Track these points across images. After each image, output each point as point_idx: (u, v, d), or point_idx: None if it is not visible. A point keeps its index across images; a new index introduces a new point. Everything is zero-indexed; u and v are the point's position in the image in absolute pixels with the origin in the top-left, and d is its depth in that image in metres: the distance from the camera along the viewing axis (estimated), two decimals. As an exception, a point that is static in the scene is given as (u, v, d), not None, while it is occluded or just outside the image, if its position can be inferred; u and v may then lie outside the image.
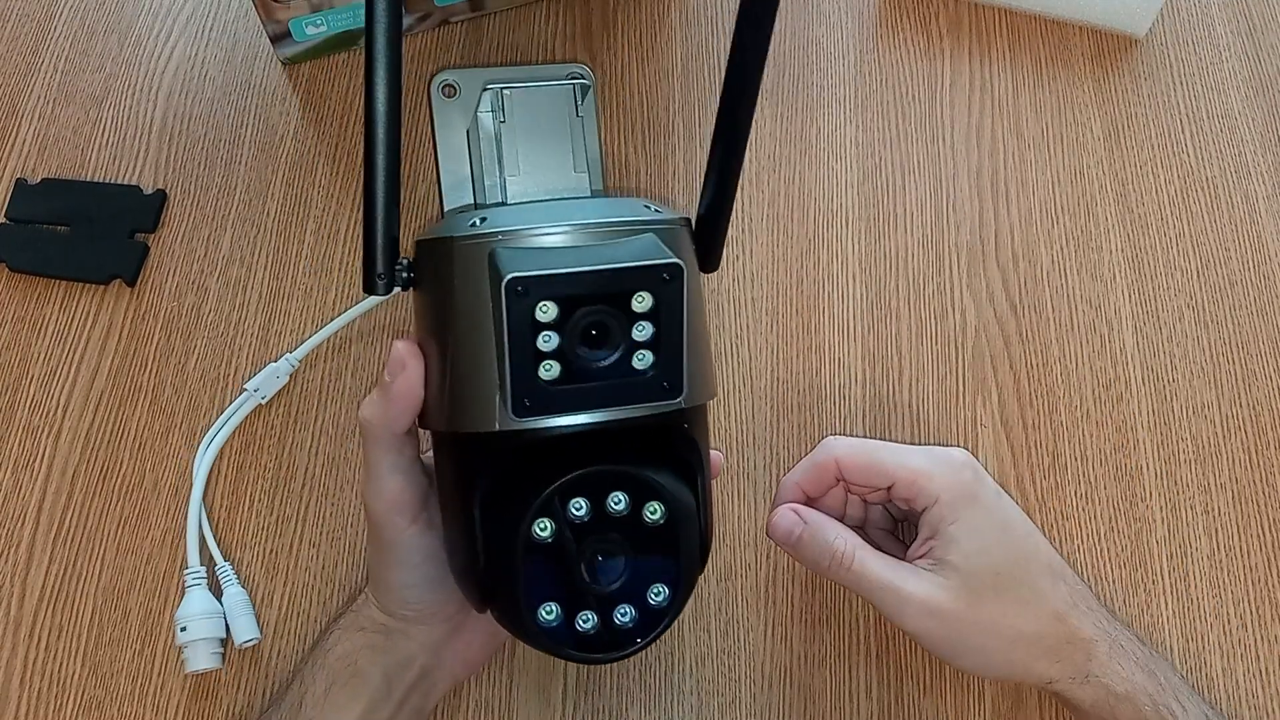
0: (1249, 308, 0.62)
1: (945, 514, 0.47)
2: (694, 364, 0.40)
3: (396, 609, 0.46)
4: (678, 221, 0.42)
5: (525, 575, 0.38)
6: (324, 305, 0.61)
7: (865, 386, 0.60)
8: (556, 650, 0.39)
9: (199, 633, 0.52)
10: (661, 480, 0.39)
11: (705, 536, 0.42)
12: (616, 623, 0.39)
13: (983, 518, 0.47)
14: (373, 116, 0.39)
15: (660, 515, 0.39)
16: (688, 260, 0.39)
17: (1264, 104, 0.68)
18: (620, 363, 0.38)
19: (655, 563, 0.39)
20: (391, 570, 0.45)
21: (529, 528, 0.38)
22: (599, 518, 0.39)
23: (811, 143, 0.67)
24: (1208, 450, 0.58)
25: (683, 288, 0.38)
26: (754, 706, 0.53)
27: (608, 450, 0.39)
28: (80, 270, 0.62)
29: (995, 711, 0.53)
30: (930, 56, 0.70)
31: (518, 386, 0.38)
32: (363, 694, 0.46)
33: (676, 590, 0.40)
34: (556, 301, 0.37)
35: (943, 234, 0.64)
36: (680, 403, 0.39)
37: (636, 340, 0.38)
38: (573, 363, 0.38)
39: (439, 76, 0.47)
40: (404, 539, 0.44)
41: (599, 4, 0.71)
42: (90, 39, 0.70)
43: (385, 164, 0.40)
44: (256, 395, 0.58)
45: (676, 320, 0.39)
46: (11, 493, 0.57)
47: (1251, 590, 0.55)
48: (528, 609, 0.39)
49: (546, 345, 0.38)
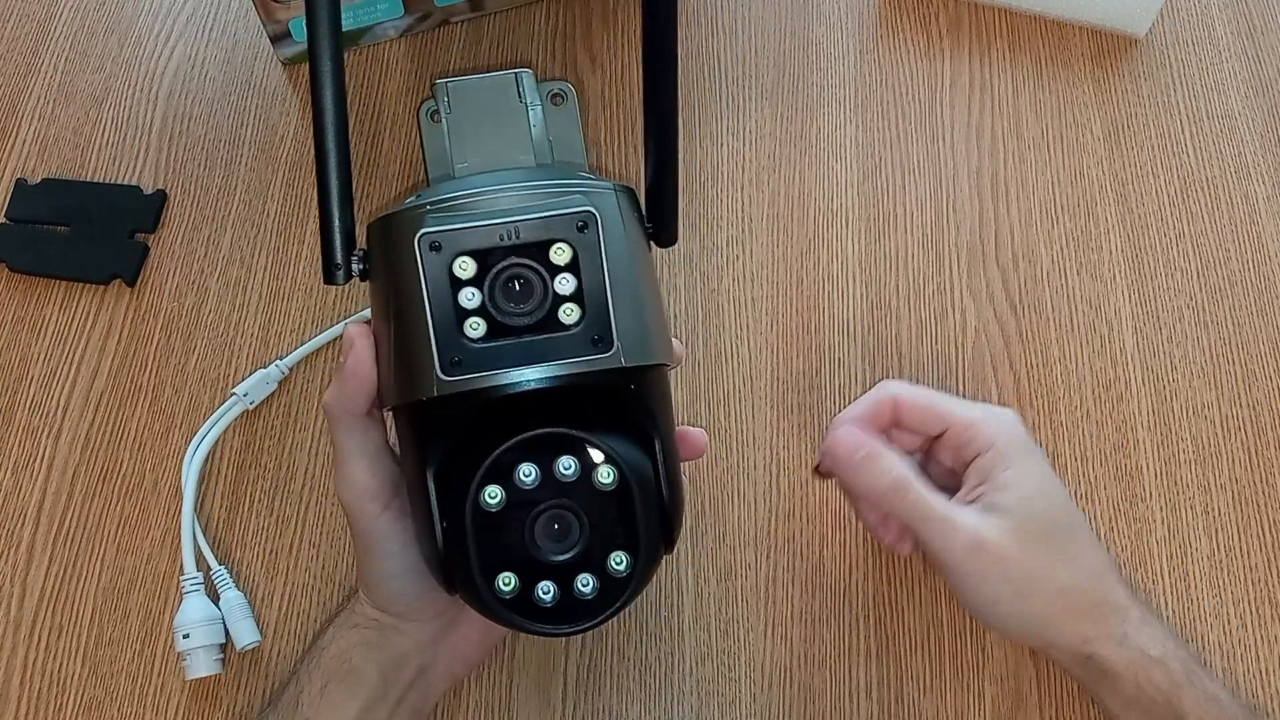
0: (1249, 308, 0.62)
1: (999, 461, 0.47)
2: (631, 321, 0.40)
3: (386, 604, 0.46)
4: (611, 186, 0.42)
5: (477, 545, 0.38)
6: (324, 305, 0.61)
7: (865, 386, 0.60)
8: (516, 622, 0.39)
9: (199, 639, 0.52)
10: (612, 444, 0.39)
11: (671, 505, 0.42)
12: (578, 593, 0.39)
13: (1036, 468, 0.48)
14: (321, 117, 0.41)
15: (612, 480, 0.39)
16: (613, 215, 0.40)
17: (1264, 104, 0.68)
18: (548, 318, 0.39)
19: (613, 530, 0.39)
20: (372, 561, 0.45)
21: (477, 495, 0.38)
22: (549, 483, 0.39)
23: (811, 143, 0.67)
24: (1208, 450, 0.58)
25: (599, 236, 0.39)
26: (754, 706, 0.53)
27: (555, 415, 0.39)
28: (80, 270, 0.62)
29: (995, 711, 0.53)
30: (930, 56, 0.70)
31: (443, 344, 0.38)
32: (359, 691, 0.46)
33: (637, 557, 0.39)
34: (473, 256, 0.38)
35: (943, 234, 0.64)
36: (618, 359, 0.39)
37: (560, 294, 0.39)
38: (498, 319, 0.39)
39: (427, 104, 0.49)
40: (377, 527, 0.44)
41: (599, 4, 0.71)
42: (90, 39, 0.70)
43: (336, 161, 0.42)
44: (245, 400, 0.58)
45: (597, 271, 0.39)
46: (11, 493, 0.57)
47: (1251, 590, 0.55)
48: (484, 580, 0.39)
49: (470, 303, 0.38)
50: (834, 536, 0.56)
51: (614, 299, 0.39)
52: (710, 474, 0.57)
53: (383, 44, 0.69)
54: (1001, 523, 0.46)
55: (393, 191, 0.65)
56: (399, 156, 0.66)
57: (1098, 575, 0.47)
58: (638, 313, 0.41)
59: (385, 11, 0.67)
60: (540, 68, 0.69)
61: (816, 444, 0.58)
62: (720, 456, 0.58)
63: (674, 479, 0.42)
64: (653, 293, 0.43)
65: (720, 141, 0.67)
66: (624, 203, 0.42)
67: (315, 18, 0.41)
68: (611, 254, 0.39)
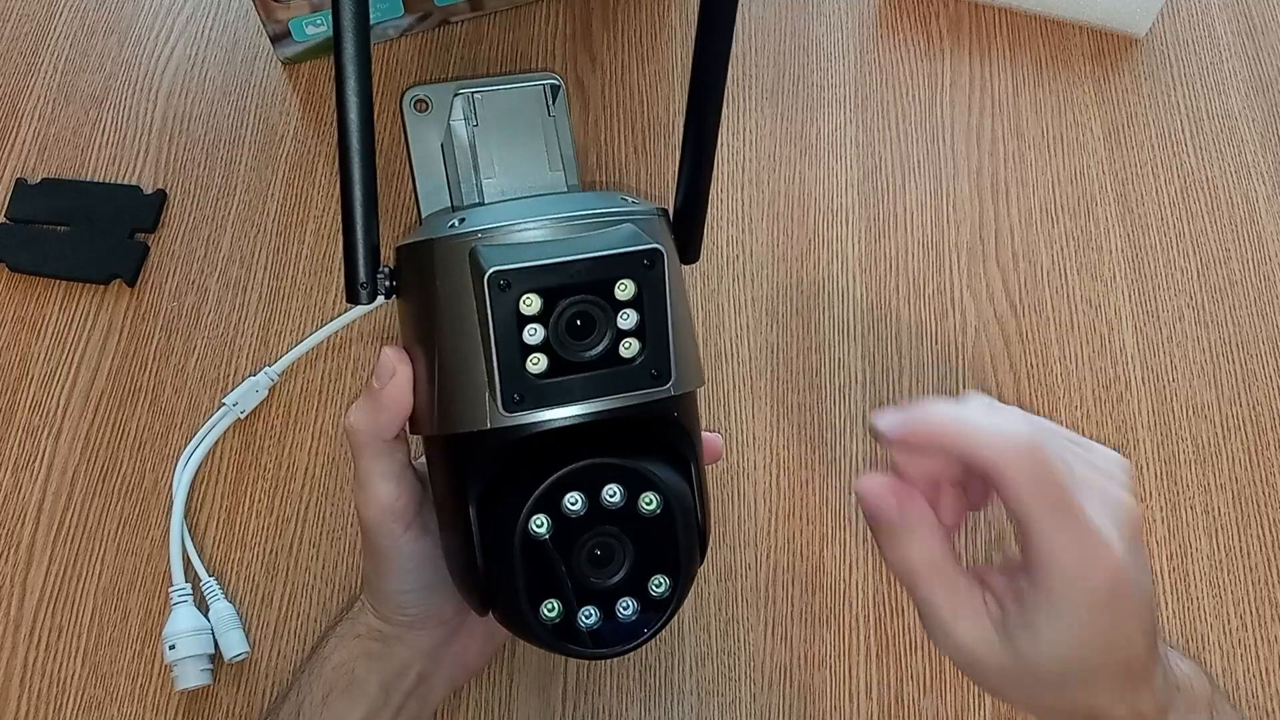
0: (1249, 308, 0.62)
1: (1042, 596, 0.36)
2: (680, 351, 0.40)
3: (393, 615, 0.46)
4: (654, 212, 0.42)
5: (524, 573, 0.38)
6: (324, 305, 0.61)
7: (865, 387, 0.60)
8: (561, 648, 0.39)
9: (187, 650, 0.52)
10: (656, 470, 0.39)
11: (703, 524, 0.42)
12: (619, 616, 0.39)
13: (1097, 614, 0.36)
14: (345, 127, 0.40)
15: (656, 505, 0.39)
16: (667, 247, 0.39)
17: (1264, 104, 0.68)
18: (608, 353, 0.39)
19: (654, 553, 0.39)
20: (387, 578, 0.45)
21: (525, 525, 0.38)
22: (595, 511, 0.39)
23: (811, 143, 0.67)
24: (1208, 450, 0.58)
25: (664, 273, 0.39)
26: (754, 706, 0.53)
27: (600, 443, 0.39)
28: (80, 270, 0.62)
29: (995, 711, 0.53)
30: (930, 56, 0.70)
31: (507, 382, 0.38)
32: (360, 702, 0.46)
33: (677, 580, 0.40)
34: (540, 294, 0.38)
35: (943, 234, 0.64)
36: (670, 390, 0.39)
37: (622, 329, 0.39)
38: (560, 355, 0.38)
39: (410, 92, 0.48)
40: (398, 546, 0.44)
41: (599, 4, 0.71)
42: (90, 39, 0.70)
43: (361, 173, 0.41)
44: (235, 410, 0.58)
45: (661, 306, 0.39)
46: (11, 493, 0.57)
47: (1251, 590, 0.55)
48: (529, 607, 0.38)
49: (533, 339, 0.38)
50: (834, 536, 0.56)
51: (674, 333, 0.39)
52: (710, 474, 0.57)
53: (382, 44, 0.69)
54: (1019, 664, 0.37)
55: (392, 192, 0.65)
56: (399, 157, 0.66)
57: (1146, 657, 0.38)
58: (686, 342, 0.41)
59: (385, 11, 0.67)
60: (540, 68, 0.69)
61: (817, 444, 0.58)
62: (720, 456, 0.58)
63: (706, 499, 0.43)
64: (690, 317, 0.43)
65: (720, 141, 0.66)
66: (665, 228, 0.43)
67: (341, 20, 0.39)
68: (673, 288, 0.39)
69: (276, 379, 0.59)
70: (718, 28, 0.41)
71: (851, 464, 0.58)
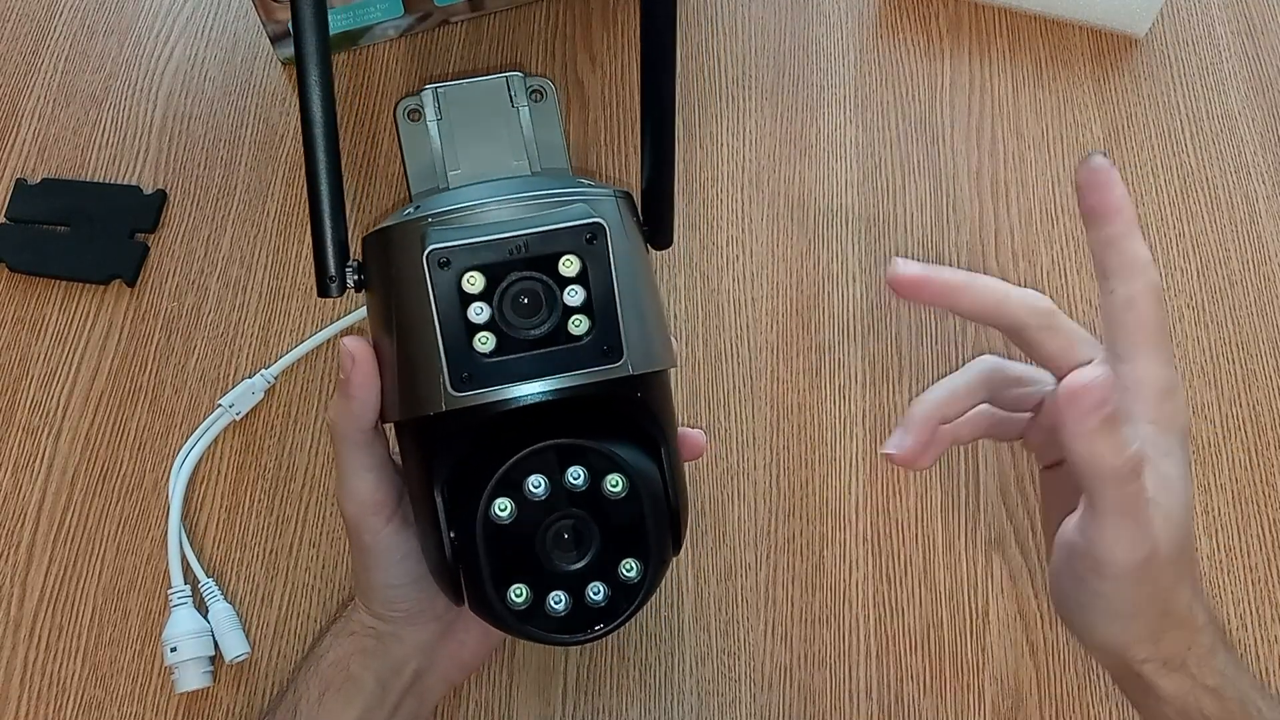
0: (1249, 308, 0.62)
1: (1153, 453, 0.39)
2: (637, 329, 0.40)
3: (384, 611, 0.46)
4: (612, 193, 0.42)
5: (489, 558, 0.38)
6: (324, 305, 0.61)
7: (865, 387, 0.60)
8: (530, 633, 0.39)
9: (187, 652, 0.52)
10: (620, 452, 0.39)
11: (676, 510, 0.42)
12: (589, 601, 0.39)
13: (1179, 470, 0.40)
14: (310, 125, 0.41)
15: (622, 488, 0.39)
16: (616, 224, 0.40)
17: (1264, 104, 0.68)
18: (557, 330, 0.39)
19: (623, 537, 0.39)
20: (373, 572, 0.45)
21: (487, 509, 0.38)
22: (559, 494, 0.39)
23: (811, 143, 0.67)
24: (1208, 450, 0.58)
25: (608, 248, 0.39)
26: (754, 706, 0.53)
27: (562, 425, 0.39)
28: (80, 270, 0.62)
29: (995, 711, 0.53)
30: (930, 56, 0.70)
31: (454, 360, 0.38)
32: (357, 699, 0.46)
33: (647, 564, 0.39)
34: (482, 270, 0.38)
35: (943, 234, 0.64)
36: (625, 368, 0.39)
37: (569, 305, 0.39)
38: (507, 333, 0.38)
39: (403, 102, 0.49)
40: (381, 539, 0.44)
41: (599, 4, 0.71)
42: (90, 39, 0.70)
43: (327, 170, 0.41)
44: (231, 411, 0.58)
45: (606, 282, 0.39)
46: (11, 493, 0.57)
47: (1251, 590, 0.55)
48: (495, 592, 0.38)
49: (479, 317, 0.38)
50: (834, 536, 0.56)
51: (623, 309, 0.39)
52: (710, 474, 0.57)
53: (382, 44, 0.69)
54: (1151, 537, 0.38)
55: (391, 193, 0.65)
56: (398, 157, 0.66)
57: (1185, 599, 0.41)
58: (643, 320, 0.41)
59: (385, 11, 0.67)
60: (540, 68, 0.69)
61: (817, 444, 0.58)
62: (720, 456, 0.58)
63: (680, 482, 0.42)
64: (654, 297, 0.43)
65: (720, 141, 0.67)
66: (624, 209, 0.42)
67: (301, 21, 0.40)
68: (619, 264, 0.39)
69: (273, 381, 0.59)
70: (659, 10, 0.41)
71: (851, 464, 0.58)
